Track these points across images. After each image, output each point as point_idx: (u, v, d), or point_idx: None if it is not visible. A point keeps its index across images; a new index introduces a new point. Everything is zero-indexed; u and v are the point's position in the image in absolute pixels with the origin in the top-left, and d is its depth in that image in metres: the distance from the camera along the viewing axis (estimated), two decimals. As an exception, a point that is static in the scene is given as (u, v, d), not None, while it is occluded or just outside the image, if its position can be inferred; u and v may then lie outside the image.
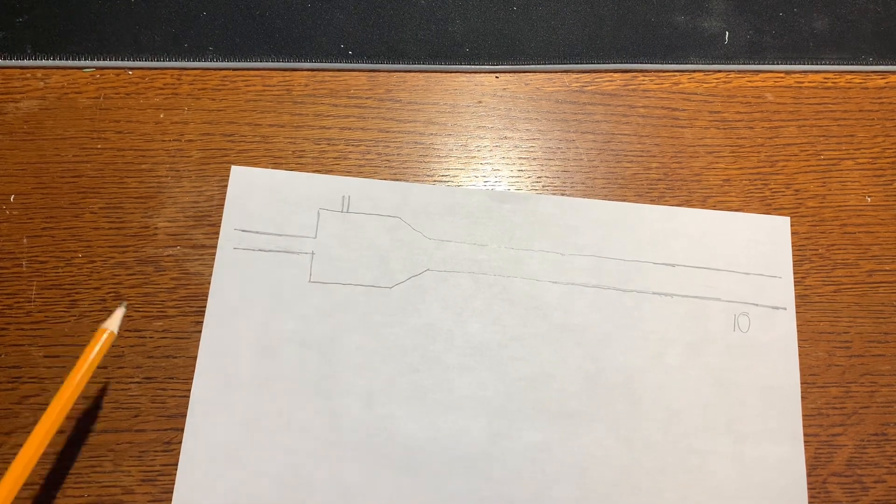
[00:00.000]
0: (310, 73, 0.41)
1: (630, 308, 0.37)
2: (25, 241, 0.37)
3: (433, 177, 0.40)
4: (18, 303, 0.36)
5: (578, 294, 0.38)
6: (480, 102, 0.41)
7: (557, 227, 0.39)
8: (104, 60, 0.41)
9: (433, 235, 0.38)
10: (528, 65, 0.42)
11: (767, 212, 0.40)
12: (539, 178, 0.40)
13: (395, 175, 0.40)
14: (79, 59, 0.40)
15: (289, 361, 0.36)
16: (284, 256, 0.37)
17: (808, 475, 0.35)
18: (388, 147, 0.40)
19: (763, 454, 0.35)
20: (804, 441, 0.36)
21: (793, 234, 0.39)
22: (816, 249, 0.39)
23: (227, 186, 0.38)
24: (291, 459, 0.34)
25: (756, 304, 0.38)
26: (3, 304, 0.36)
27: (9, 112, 0.40)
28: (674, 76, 0.42)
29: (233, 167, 0.39)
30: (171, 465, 0.34)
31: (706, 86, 0.42)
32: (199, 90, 0.41)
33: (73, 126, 0.39)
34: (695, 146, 0.41)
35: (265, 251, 0.37)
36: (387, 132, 0.40)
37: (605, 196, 0.40)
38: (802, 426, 0.36)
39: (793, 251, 0.39)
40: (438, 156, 0.40)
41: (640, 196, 0.40)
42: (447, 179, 0.40)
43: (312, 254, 0.37)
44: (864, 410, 0.37)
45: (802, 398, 0.37)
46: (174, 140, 0.40)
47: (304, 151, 0.40)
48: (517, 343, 0.37)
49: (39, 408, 0.35)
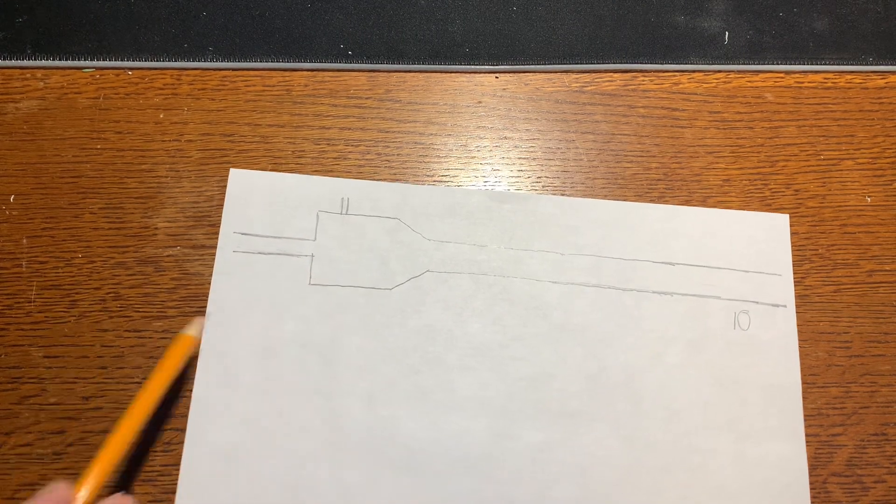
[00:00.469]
0: (309, 74, 0.41)
1: (630, 307, 0.37)
2: (25, 242, 0.37)
3: (433, 177, 0.40)
4: (18, 303, 0.36)
5: (578, 294, 0.38)
6: (480, 102, 0.41)
7: (557, 227, 0.39)
8: (104, 60, 0.41)
9: (433, 236, 0.38)
10: (528, 65, 0.42)
11: (767, 212, 0.40)
12: (539, 179, 0.40)
13: (395, 175, 0.40)
14: (78, 60, 0.40)
15: (290, 363, 0.36)
16: (284, 259, 0.37)
17: (809, 475, 0.35)
18: (388, 147, 0.40)
19: (764, 452, 0.35)
20: (804, 441, 0.36)
21: (793, 234, 0.39)
22: (816, 249, 0.39)
23: (226, 188, 0.38)
24: (293, 461, 0.34)
25: (756, 302, 0.38)
26: (3, 304, 0.36)
27: (9, 112, 0.40)
28: (674, 76, 0.42)
29: (231, 170, 0.39)
30: (171, 466, 0.34)
31: (706, 86, 0.42)
32: (199, 90, 0.41)
33: (73, 126, 0.39)
34: (695, 146, 0.41)
35: (265, 254, 0.37)
36: (386, 132, 0.40)
37: (605, 196, 0.40)
38: (804, 425, 0.36)
39: (793, 251, 0.39)
40: (438, 156, 0.40)
41: (640, 196, 0.40)
42: (447, 179, 0.40)
43: (312, 256, 0.37)
44: (864, 410, 0.37)
45: (802, 398, 0.36)
46: (174, 140, 0.40)
47: (304, 151, 0.40)
48: (518, 343, 0.37)
49: (40, 408, 0.35)
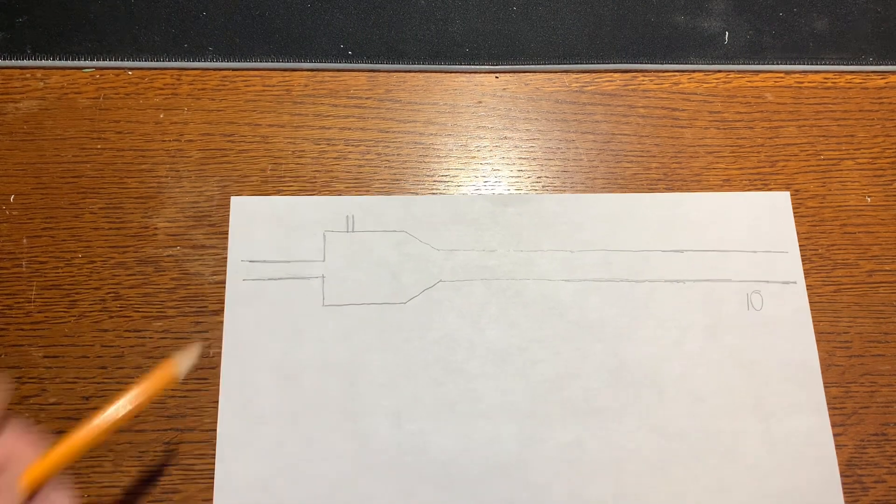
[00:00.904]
0: (310, 74, 0.41)
1: (644, 298, 0.38)
2: (25, 242, 0.37)
3: (433, 177, 0.40)
4: (18, 303, 0.36)
5: (591, 289, 0.38)
6: (480, 102, 0.41)
7: (563, 225, 0.39)
8: (104, 60, 0.41)
9: (441, 246, 0.38)
10: (528, 65, 0.42)
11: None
12: (539, 179, 0.40)
13: (395, 175, 0.40)
14: (78, 60, 0.40)
15: (312, 388, 0.35)
16: (295, 283, 0.37)
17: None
18: (388, 147, 0.40)
19: (791, 428, 0.36)
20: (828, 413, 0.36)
21: (793, 234, 0.39)
22: (816, 249, 0.39)
23: (229, 218, 0.38)
24: (324, 487, 0.34)
25: (767, 281, 0.38)
26: (3, 304, 0.36)
27: (9, 112, 0.40)
28: (674, 76, 0.42)
29: (233, 198, 0.38)
30: (171, 466, 0.34)
31: (706, 86, 0.42)
32: (199, 90, 0.41)
33: (73, 126, 0.39)
34: (695, 146, 0.41)
35: (275, 279, 0.37)
36: (386, 132, 0.40)
37: (605, 196, 0.40)
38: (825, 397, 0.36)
39: (793, 251, 0.39)
40: (438, 156, 0.40)
41: (640, 196, 0.40)
42: (447, 179, 0.40)
43: (323, 277, 0.37)
44: (864, 410, 0.37)
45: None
46: (174, 140, 0.40)
47: (304, 151, 0.40)
48: (537, 345, 0.37)
49: (39, 408, 0.35)
